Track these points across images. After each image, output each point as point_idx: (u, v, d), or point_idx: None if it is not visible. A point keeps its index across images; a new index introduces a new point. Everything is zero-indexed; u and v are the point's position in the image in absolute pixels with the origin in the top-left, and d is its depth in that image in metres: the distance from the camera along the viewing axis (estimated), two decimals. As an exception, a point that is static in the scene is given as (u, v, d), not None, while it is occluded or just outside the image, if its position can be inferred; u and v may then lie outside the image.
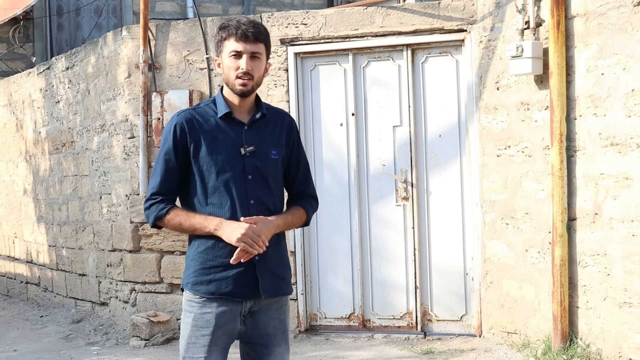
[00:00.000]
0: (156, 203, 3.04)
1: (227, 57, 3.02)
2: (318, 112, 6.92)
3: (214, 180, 3.01)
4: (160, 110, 7.12)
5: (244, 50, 2.99)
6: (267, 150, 3.09)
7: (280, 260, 3.15)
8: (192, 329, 3.03)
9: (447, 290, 6.66)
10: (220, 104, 3.08)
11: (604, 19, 5.16)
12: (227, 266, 3.00)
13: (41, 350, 7.33)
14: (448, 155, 6.62)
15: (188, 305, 3.07)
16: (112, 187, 7.71)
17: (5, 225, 10.50)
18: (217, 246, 3.01)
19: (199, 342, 3.01)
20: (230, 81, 3.03)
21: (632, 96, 4.99)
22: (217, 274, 3.01)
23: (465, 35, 6.46)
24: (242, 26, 3.00)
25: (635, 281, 5.01)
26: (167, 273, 7.29)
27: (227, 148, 3.03)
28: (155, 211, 3.04)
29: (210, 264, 3.02)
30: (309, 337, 6.82)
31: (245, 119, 3.10)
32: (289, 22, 6.88)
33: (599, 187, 5.27)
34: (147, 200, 3.07)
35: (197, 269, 3.04)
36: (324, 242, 6.93)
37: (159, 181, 3.05)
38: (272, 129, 3.14)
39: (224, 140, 3.04)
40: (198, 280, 3.03)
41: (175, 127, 3.03)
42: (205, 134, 3.03)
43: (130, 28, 7.45)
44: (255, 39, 3.00)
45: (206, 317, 3.02)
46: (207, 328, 3.01)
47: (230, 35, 3.01)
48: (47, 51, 11.65)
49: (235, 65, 3.00)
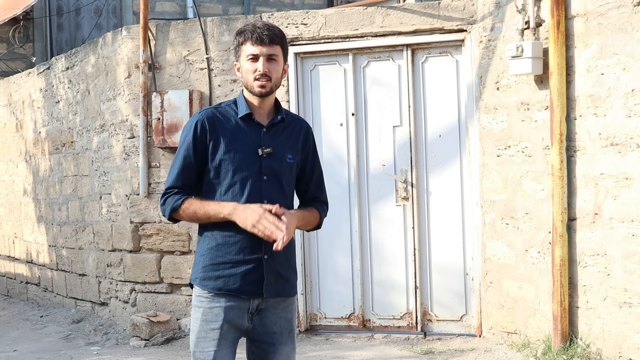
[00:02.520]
0: (172, 195, 3.11)
1: (245, 61, 3.11)
2: (318, 112, 6.92)
3: (230, 179, 3.09)
4: (160, 110, 7.12)
5: (260, 53, 3.08)
6: (283, 154, 3.17)
7: (287, 261, 3.19)
8: (201, 324, 3.09)
9: (447, 290, 6.66)
10: (242, 104, 3.16)
11: (604, 19, 5.16)
12: (236, 263, 3.08)
13: (41, 350, 7.33)
14: (448, 155, 6.62)
15: (197, 301, 3.13)
16: (112, 187, 7.71)
17: (5, 225, 10.50)
18: (227, 243, 3.08)
19: (209, 336, 3.08)
20: (249, 84, 3.11)
21: (632, 96, 4.99)
22: (226, 271, 3.08)
23: (465, 35, 6.46)
24: (258, 30, 3.09)
25: (635, 281, 5.01)
26: (167, 273, 7.30)
27: (245, 148, 3.11)
28: (171, 202, 3.10)
29: (219, 260, 3.09)
30: (309, 337, 6.82)
31: (264, 121, 3.17)
32: (289, 22, 6.89)
33: (599, 187, 5.27)
34: (163, 195, 3.14)
35: (206, 264, 3.11)
36: (324, 242, 6.93)
37: (176, 175, 3.12)
38: (290, 133, 3.22)
39: (243, 140, 3.11)
40: (207, 276, 3.10)
41: (197, 124, 3.10)
42: (225, 133, 3.10)
43: (130, 28, 7.45)
44: (271, 41, 3.09)
45: (215, 311, 3.08)
46: (216, 322, 3.07)
47: (247, 39, 3.10)
48: (47, 51, 11.65)
49: (253, 68, 3.09)
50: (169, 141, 7.08)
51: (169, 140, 7.09)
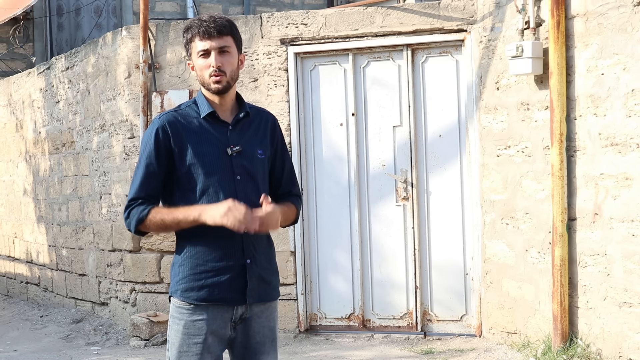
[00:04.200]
0: (136, 207, 2.92)
1: (197, 58, 2.95)
2: (318, 112, 6.92)
3: (202, 182, 2.92)
4: (160, 110, 7.12)
5: (210, 47, 2.92)
6: (253, 150, 3.02)
7: (269, 264, 3.06)
8: (183, 337, 2.93)
9: (447, 290, 6.66)
10: (203, 103, 2.99)
11: (604, 19, 5.16)
12: (219, 271, 2.93)
13: (41, 350, 7.33)
14: (448, 155, 6.62)
15: (177, 312, 2.97)
16: (112, 187, 7.71)
17: (5, 225, 10.50)
18: (207, 250, 2.93)
19: (192, 350, 2.92)
20: (205, 81, 2.95)
21: (632, 96, 4.99)
22: (209, 280, 2.93)
23: (465, 35, 6.46)
24: (204, 23, 2.92)
25: (635, 281, 5.01)
26: (167, 273, 7.29)
27: (213, 149, 2.95)
28: (136, 214, 2.91)
29: (201, 269, 2.93)
30: (309, 337, 6.82)
31: (228, 119, 3.02)
32: (289, 22, 6.89)
33: (599, 187, 5.27)
34: (127, 207, 2.93)
35: (186, 274, 2.95)
36: (324, 242, 6.93)
37: (138, 186, 2.93)
38: (256, 128, 3.07)
39: (210, 140, 2.95)
40: (189, 287, 2.94)
41: (158, 131, 2.92)
42: (190, 136, 2.94)
43: (130, 28, 7.45)
44: (219, 33, 2.92)
45: (197, 325, 2.93)
46: (199, 336, 2.92)
47: (195, 35, 2.94)
48: (47, 51, 11.65)
49: (206, 63, 2.93)
50: (169, 141, 7.07)
51: (169, 140, 7.08)
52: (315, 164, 6.88)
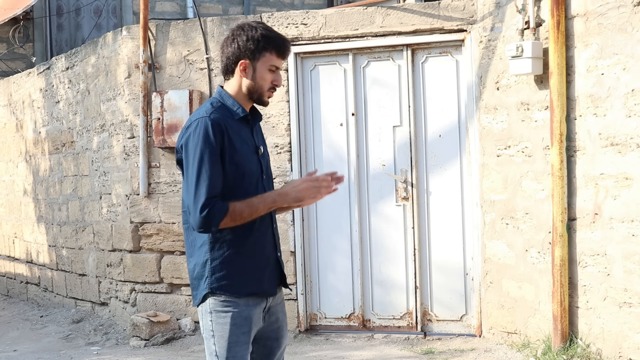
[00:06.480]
0: (216, 205, 2.95)
1: (266, 69, 3.08)
2: (318, 112, 6.92)
3: (242, 181, 3.04)
4: (160, 110, 7.12)
5: (281, 66, 3.14)
6: (265, 150, 3.22)
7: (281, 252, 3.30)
8: (232, 329, 3.05)
9: (447, 290, 6.67)
10: (236, 105, 3.10)
11: (604, 19, 5.16)
12: (261, 265, 3.10)
13: (41, 350, 7.33)
14: (448, 155, 6.62)
15: (222, 306, 3.06)
16: (112, 187, 7.71)
17: (5, 225, 10.50)
18: (248, 245, 3.07)
19: (241, 339, 3.06)
20: (263, 92, 3.09)
21: (632, 96, 4.99)
22: (255, 274, 3.09)
23: (465, 35, 6.46)
24: (285, 43, 3.12)
25: (635, 281, 5.01)
26: (167, 273, 7.30)
27: (249, 149, 3.09)
28: (220, 211, 2.95)
29: (246, 264, 3.07)
30: (309, 337, 6.82)
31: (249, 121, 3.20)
32: (289, 22, 6.88)
33: (599, 187, 5.27)
34: (205, 206, 2.93)
35: (231, 270, 3.05)
36: (324, 242, 6.93)
37: (209, 184, 2.95)
38: (259, 129, 3.26)
39: (246, 141, 3.09)
40: (235, 282, 3.05)
41: (214, 128, 2.96)
42: (234, 135, 3.03)
43: (130, 28, 7.45)
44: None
45: (244, 315, 3.06)
46: (245, 325, 3.07)
47: (274, 49, 3.09)
48: (47, 51, 11.65)
49: (272, 78, 3.09)
50: (169, 141, 7.08)
51: (169, 140, 7.09)
52: (315, 164, 6.88)
